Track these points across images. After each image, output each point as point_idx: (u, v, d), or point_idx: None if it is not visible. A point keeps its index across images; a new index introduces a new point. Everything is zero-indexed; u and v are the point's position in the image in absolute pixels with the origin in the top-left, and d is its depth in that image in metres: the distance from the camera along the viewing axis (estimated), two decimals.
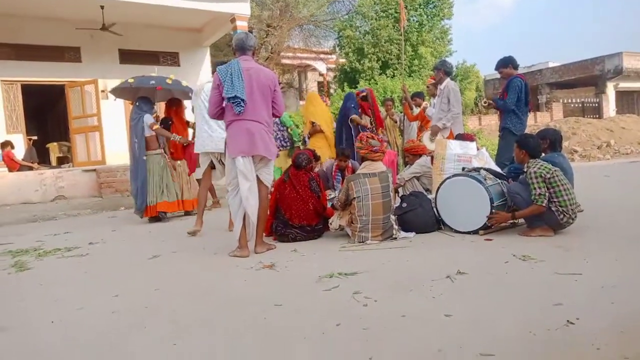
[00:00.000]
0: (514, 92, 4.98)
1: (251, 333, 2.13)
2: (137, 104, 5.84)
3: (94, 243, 4.62)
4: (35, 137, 11.96)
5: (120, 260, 3.85)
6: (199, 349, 1.99)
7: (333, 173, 5.50)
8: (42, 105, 14.61)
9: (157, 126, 5.74)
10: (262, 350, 1.95)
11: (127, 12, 10.25)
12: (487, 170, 4.25)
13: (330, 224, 4.13)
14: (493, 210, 3.80)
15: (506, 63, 5.19)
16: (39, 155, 10.91)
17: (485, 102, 5.45)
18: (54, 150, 12.19)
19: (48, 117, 16.11)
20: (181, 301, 2.65)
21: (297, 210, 4.12)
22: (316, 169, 5.14)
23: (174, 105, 6.27)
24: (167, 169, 5.89)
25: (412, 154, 5.74)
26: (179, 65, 12.06)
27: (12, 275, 3.49)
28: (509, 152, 5.00)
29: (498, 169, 4.54)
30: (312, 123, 6.80)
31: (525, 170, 3.74)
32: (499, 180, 4.15)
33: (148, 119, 5.71)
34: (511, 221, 4.20)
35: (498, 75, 5.54)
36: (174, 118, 6.16)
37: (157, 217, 5.89)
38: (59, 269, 3.63)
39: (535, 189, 3.55)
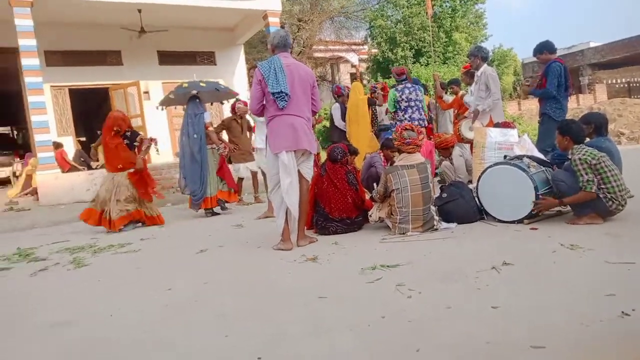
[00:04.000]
0: (553, 77, 4.86)
1: (298, 324, 2.18)
2: (197, 100, 6.12)
3: (145, 239, 4.83)
4: (83, 139, 12.51)
5: (171, 255, 4.01)
6: (249, 340, 2.07)
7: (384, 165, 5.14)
8: (89, 108, 15.28)
9: (212, 127, 6.17)
10: (309, 341, 2.00)
11: (163, 15, 10.53)
12: (531, 157, 4.14)
13: (370, 216, 4.15)
14: (540, 196, 3.71)
15: (541, 49, 5.09)
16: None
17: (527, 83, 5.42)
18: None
19: (95, 120, 16.82)
20: (229, 294, 2.75)
21: (336, 204, 4.16)
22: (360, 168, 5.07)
23: None
24: (217, 162, 6.25)
25: (442, 148, 5.66)
26: (215, 64, 12.31)
27: (71, 271, 3.71)
28: (550, 138, 4.85)
29: (541, 156, 4.41)
30: None
31: (569, 156, 3.63)
32: (543, 168, 4.04)
33: (207, 117, 6.08)
34: (558, 208, 4.08)
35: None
36: None
37: (213, 211, 6.14)
38: (114, 265, 3.83)
39: (582, 175, 3.44)
